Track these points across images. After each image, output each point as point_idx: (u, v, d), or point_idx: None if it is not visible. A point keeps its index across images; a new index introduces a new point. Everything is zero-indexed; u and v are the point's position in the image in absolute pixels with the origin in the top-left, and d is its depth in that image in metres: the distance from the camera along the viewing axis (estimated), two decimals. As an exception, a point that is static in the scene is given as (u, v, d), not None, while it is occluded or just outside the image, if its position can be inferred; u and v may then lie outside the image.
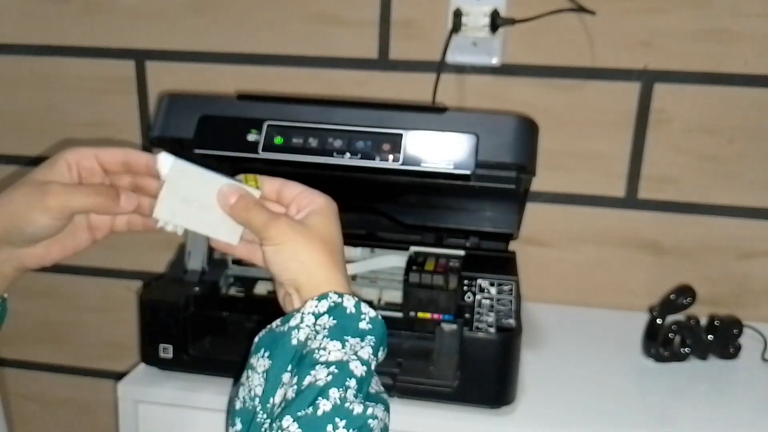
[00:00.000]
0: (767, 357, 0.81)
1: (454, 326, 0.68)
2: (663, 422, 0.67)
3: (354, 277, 0.77)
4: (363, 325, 0.49)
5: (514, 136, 0.64)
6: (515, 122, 0.64)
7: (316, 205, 0.53)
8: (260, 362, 0.48)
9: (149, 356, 0.70)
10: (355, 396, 0.45)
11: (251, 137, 0.65)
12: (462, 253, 0.76)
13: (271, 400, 0.47)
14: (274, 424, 0.44)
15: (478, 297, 0.68)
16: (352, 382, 0.45)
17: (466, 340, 0.63)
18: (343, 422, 0.43)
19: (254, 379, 0.48)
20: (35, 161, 1.07)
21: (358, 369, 0.46)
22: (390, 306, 0.73)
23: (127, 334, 1.11)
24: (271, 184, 0.54)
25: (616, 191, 0.94)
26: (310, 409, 0.43)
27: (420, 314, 0.71)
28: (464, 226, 0.78)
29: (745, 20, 0.85)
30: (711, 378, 0.76)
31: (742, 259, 0.93)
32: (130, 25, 0.99)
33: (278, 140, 0.65)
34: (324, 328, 0.47)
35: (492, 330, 0.63)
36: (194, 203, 0.52)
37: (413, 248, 0.77)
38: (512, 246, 0.81)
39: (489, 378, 0.64)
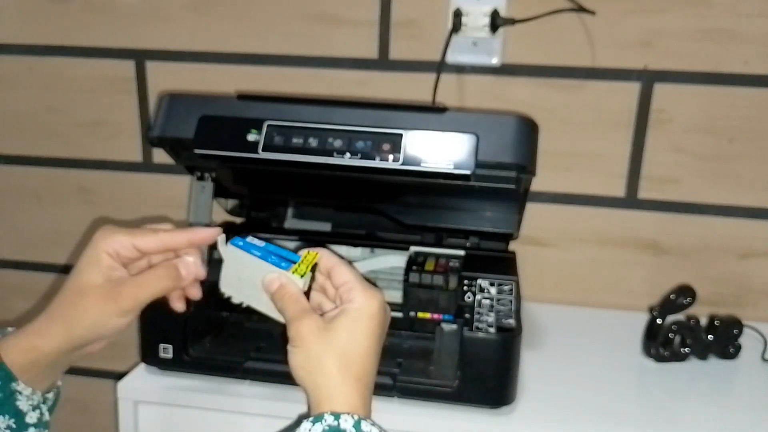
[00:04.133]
0: (767, 357, 0.81)
1: (454, 326, 0.68)
2: (663, 422, 0.67)
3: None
4: None
5: (514, 136, 0.64)
6: (515, 122, 0.64)
7: (351, 305, 0.52)
8: None
9: (149, 356, 0.70)
10: None
11: (251, 137, 0.65)
12: (462, 253, 0.76)
13: None
14: None
15: (478, 297, 0.68)
16: None
17: (466, 340, 0.63)
18: None
19: None
20: (35, 161, 1.07)
21: None
22: (390, 306, 0.73)
23: (127, 334, 1.11)
24: (327, 261, 0.55)
25: (616, 191, 0.94)
26: None
27: (420, 314, 0.71)
28: (464, 226, 0.78)
29: (745, 20, 0.85)
30: (711, 378, 0.76)
31: (742, 259, 0.93)
32: (130, 25, 0.99)
33: (278, 140, 0.65)
34: None
35: (492, 330, 0.63)
36: (248, 282, 0.56)
37: (413, 248, 0.77)
38: (512, 246, 0.81)
39: (489, 378, 0.64)
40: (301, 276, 0.54)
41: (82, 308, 0.52)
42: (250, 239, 0.57)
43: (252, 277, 0.55)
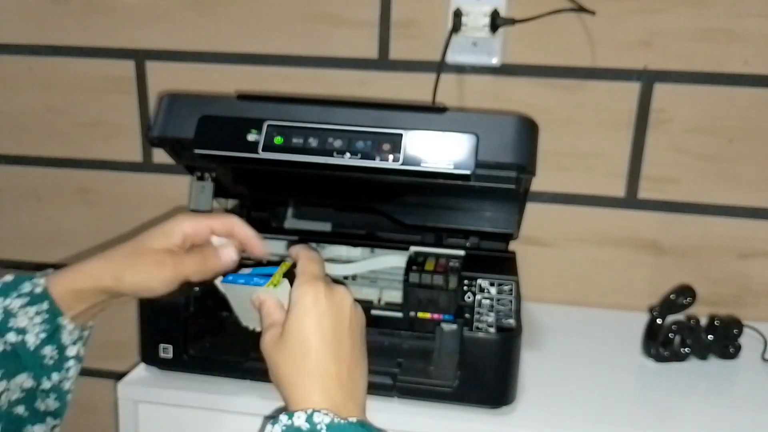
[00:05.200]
0: (767, 357, 0.81)
1: (454, 326, 0.68)
2: (663, 422, 0.67)
3: (354, 277, 0.77)
4: None
5: (514, 136, 0.64)
6: (515, 122, 0.64)
7: (294, 297, 0.53)
8: None
9: (149, 356, 0.70)
10: None
11: (251, 137, 0.65)
12: (462, 253, 0.76)
13: None
14: None
15: (478, 297, 0.68)
16: None
17: (466, 340, 0.63)
18: None
19: None
20: (35, 161, 1.07)
21: None
22: (390, 306, 0.73)
23: (127, 334, 1.11)
24: (295, 254, 0.58)
25: (616, 191, 0.94)
26: None
27: (420, 314, 0.71)
28: (464, 226, 0.78)
29: (745, 20, 0.85)
30: (711, 378, 0.76)
31: (742, 259, 0.93)
32: (130, 25, 0.99)
33: (278, 140, 0.65)
34: None
35: (492, 330, 0.63)
36: (250, 311, 0.59)
37: (413, 248, 0.77)
38: (512, 246, 0.81)
39: (489, 378, 0.64)
40: (275, 286, 0.56)
41: (135, 265, 0.58)
42: (241, 271, 0.60)
43: (249, 305, 0.58)
